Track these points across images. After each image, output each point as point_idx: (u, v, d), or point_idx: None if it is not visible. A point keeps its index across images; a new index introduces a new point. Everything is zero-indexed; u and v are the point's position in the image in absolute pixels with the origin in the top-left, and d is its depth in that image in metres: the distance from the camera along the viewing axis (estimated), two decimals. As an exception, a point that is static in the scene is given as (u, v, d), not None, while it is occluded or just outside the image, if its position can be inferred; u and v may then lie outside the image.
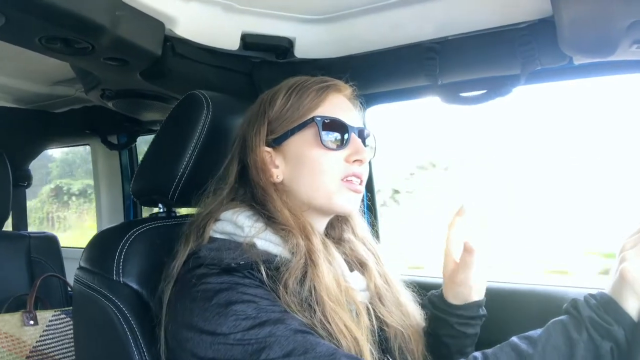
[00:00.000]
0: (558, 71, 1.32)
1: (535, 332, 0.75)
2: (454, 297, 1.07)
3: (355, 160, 0.97)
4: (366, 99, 1.64)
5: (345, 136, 0.97)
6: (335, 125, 0.97)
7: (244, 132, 1.03)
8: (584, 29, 1.04)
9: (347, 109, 1.02)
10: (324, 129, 0.96)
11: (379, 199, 1.84)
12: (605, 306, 0.70)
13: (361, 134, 1.02)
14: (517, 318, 1.33)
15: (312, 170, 0.96)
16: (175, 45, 1.34)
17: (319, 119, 0.96)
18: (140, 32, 1.21)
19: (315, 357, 0.75)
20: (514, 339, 0.76)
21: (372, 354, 0.87)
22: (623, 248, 0.73)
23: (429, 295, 1.14)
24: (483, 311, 1.08)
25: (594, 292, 0.73)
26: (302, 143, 0.98)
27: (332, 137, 0.96)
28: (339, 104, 1.01)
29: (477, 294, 1.05)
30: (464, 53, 1.29)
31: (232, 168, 1.01)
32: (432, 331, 1.09)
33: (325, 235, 1.07)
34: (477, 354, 0.76)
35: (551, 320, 0.75)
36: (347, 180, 0.97)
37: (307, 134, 0.97)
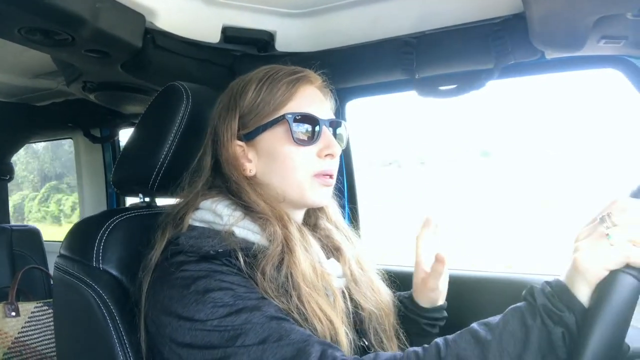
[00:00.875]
0: (531, 65, 1.36)
1: (494, 319, 0.78)
2: (424, 301, 1.16)
3: (327, 155, 0.99)
4: (345, 93, 1.68)
5: (317, 130, 0.99)
6: (306, 120, 0.98)
7: (216, 125, 1.03)
8: (554, 25, 1.07)
9: (319, 101, 1.03)
10: (295, 125, 0.97)
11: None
12: (559, 293, 0.73)
13: (333, 125, 1.03)
14: (483, 303, 1.41)
15: (285, 166, 0.98)
16: (156, 38, 1.35)
17: (290, 115, 0.97)
18: (120, 24, 1.21)
19: (289, 343, 0.77)
20: (474, 325, 0.79)
21: (347, 336, 0.90)
22: (577, 238, 0.75)
23: (398, 297, 1.20)
24: (445, 313, 1.18)
25: (550, 279, 0.76)
26: (273, 139, 0.99)
27: (303, 132, 0.98)
28: (310, 96, 1.02)
29: (442, 298, 1.16)
30: (439, 47, 1.32)
31: (205, 161, 1.02)
32: (402, 329, 1.13)
33: (303, 222, 1.09)
34: (440, 340, 0.79)
35: (509, 307, 0.77)
36: (319, 176, 0.99)
37: (279, 130, 0.98)
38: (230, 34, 1.42)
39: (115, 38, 1.22)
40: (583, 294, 0.72)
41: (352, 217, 1.77)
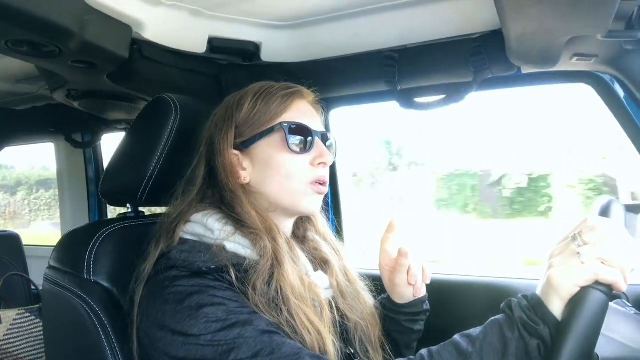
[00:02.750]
0: (508, 79, 1.42)
1: (475, 331, 0.82)
2: (399, 298, 1.17)
3: (319, 163, 1.03)
4: (329, 102, 1.71)
5: (310, 141, 1.03)
6: (300, 130, 1.02)
7: (212, 135, 1.06)
8: (529, 42, 1.12)
9: (311, 115, 1.08)
10: (290, 134, 1.01)
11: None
12: (535, 307, 0.78)
13: (324, 138, 1.07)
14: (464, 307, 1.45)
15: (280, 173, 1.01)
16: (143, 48, 1.36)
17: (286, 124, 1.01)
18: (107, 36, 1.23)
19: (281, 357, 0.81)
20: (457, 337, 0.83)
21: (335, 345, 0.93)
22: (551, 255, 0.81)
23: (379, 299, 1.23)
24: (427, 306, 1.19)
25: (527, 294, 0.81)
26: (269, 147, 1.02)
27: (297, 141, 1.01)
28: (303, 110, 1.06)
29: (420, 292, 1.16)
30: (421, 61, 1.36)
31: (199, 170, 1.05)
32: (384, 330, 1.17)
33: (292, 234, 1.12)
34: (424, 351, 0.84)
35: (489, 320, 0.82)
36: (313, 183, 1.03)
37: (274, 139, 1.02)
38: (216, 45, 1.44)
39: (102, 49, 1.23)
40: (556, 308, 0.77)
41: (337, 229, 1.79)
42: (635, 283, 1.32)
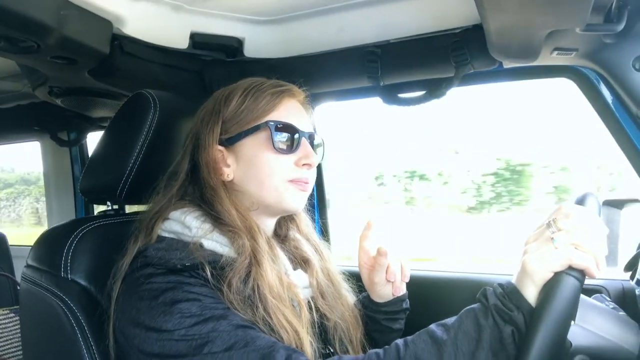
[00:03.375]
0: (490, 74, 1.42)
1: (450, 320, 0.82)
2: (378, 297, 1.17)
3: (304, 164, 1.02)
4: (313, 98, 1.70)
5: (296, 141, 1.02)
6: (287, 130, 1.01)
7: (198, 129, 1.05)
8: (510, 37, 1.12)
9: (300, 114, 1.07)
10: (276, 133, 1.00)
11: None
12: (509, 294, 0.78)
13: (311, 138, 1.06)
14: (444, 302, 1.45)
15: (263, 172, 1.00)
16: (124, 44, 1.35)
17: (272, 123, 1.00)
18: (87, 31, 1.21)
19: (255, 349, 0.80)
20: (432, 326, 0.83)
21: (312, 345, 0.93)
22: (527, 241, 0.81)
23: (359, 298, 1.23)
24: (406, 305, 1.20)
25: (503, 282, 0.82)
26: (254, 145, 1.01)
27: (283, 141, 1.01)
28: (292, 109, 1.05)
29: (399, 291, 1.16)
30: (403, 56, 1.36)
31: (183, 165, 1.04)
32: (364, 329, 1.17)
33: (273, 233, 1.12)
34: (399, 341, 0.84)
35: (464, 309, 0.83)
36: (294, 181, 1.02)
37: (260, 137, 1.01)
38: (198, 40, 1.43)
39: (82, 45, 1.22)
40: (531, 293, 0.77)
41: (323, 231, 1.79)
42: (615, 278, 1.33)
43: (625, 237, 1.35)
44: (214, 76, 1.56)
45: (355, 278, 1.21)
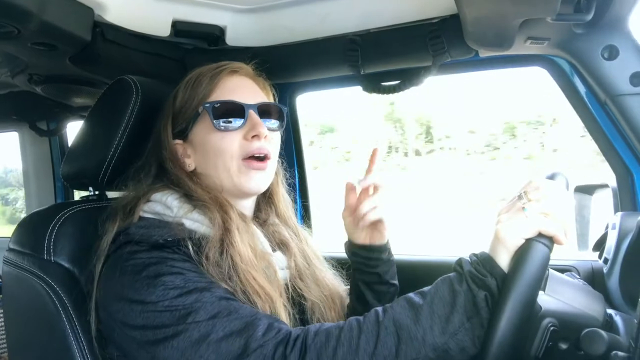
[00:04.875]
0: (466, 63, 1.46)
1: (427, 288, 0.86)
2: (359, 241, 1.17)
3: (253, 136, 1.02)
4: (295, 87, 1.73)
5: (240, 114, 1.02)
6: (226, 106, 1.02)
7: (158, 129, 1.09)
8: (485, 26, 1.16)
9: (243, 88, 1.07)
10: (214, 114, 1.01)
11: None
12: (483, 261, 0.83)
13: (262, 108, 1.06)
14: None
15: (214, 154, 1.03)
16: (105, 31, 1.34)
17: (208, 104, 1.02)
18: (68, 17, 1.21)
19: (238, 317, 0.83)
20: (410, 293, 0.87)
21: (285, 308, 0.97)
22: (499, 212, 0.86)
23: (349, 249, 1.21)
24: (390, 255, 1.19)
25: (477, 252, 0.86)
26: (201, 131, 1.04)
27: (224, 119, 1.02)
28: (231, 86, 1.06)
29: (379, 238, 1.16)
30: (382, 45, 1.39)
31: (150, 161, 1.07)
32: (352, 283, 1.20)
33: (254, 217, 1.14)
34: (378, 307, 0.87)
35: (440, 277, 0.86)
36: (247, 160, 1.03)
37: (204, 122, 1.03)
38: (180, 28, 1.44)
39: (62, 31, 1.22)
40: (503, 260, 0.82)
41: (304, 213, 1.82)
42: (586, 259, 1.39)
43: (596, 221, 1.40)
44: (196, 64, 1.52)
45: (340, 265, 1.24)
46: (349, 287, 1.24)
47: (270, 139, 1.06)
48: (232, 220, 0.97)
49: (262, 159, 1.04)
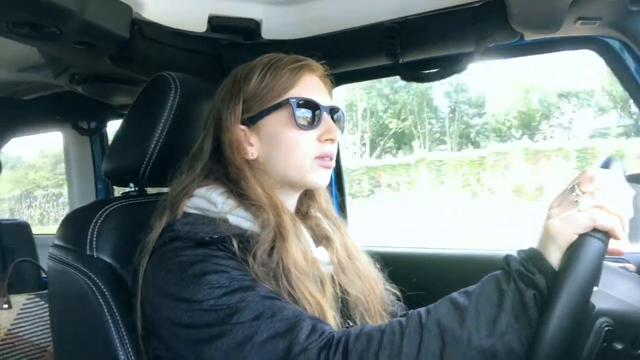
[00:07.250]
0: (511, 48, 1.39)
1: (472, 287, 0.82)
2: None
3: (327, 140, 1.02)
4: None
5: (317, 116, 1.02)
6: (308, 105, 1.01)
7: (219, 110, 1.05)
8: (532, 7, 1.11)
9: (319, 89, 1.06)
10: (298, 110, 1.00)
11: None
12: (532, 258, 0.77)
13: (332, 112, 1.06)
14: (466, 281, 1.42)
15: (287, 149, 1.01)
16: (143, 29, 1.36)
17: (294, 100, 1.00)
18: (108, 16, 1.23)
19: (282, 319, 0.81)
20: (454, 293, 0.82)
21: (335, 319, 0.94)
22: (550, 206, 0.80)
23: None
24: None
25: (525, 248, 0.81)
26: (276, 122, 1.01)
27: (305, 117, 1.01)
28: (311, 84, 1.05)
29: None
30: (422, 32, 1.34)
31: (206, 146, 1.04)
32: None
33: (295, 210, 1.12)
34: (421, 309, 0.83)
35: (487, 275, 0.82)
36: (319, 158, 1.02)
37: (282, 114, 1.01)
38: (216, 23, 1.44)
39: (102, 30, 1.23)
40: (554, 257, 0.76)
41: (340, 207, 1.79)
42: (638, 251, 1.31)
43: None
44: (232, 59, 1.56)
45: (375, 259, 1.21)
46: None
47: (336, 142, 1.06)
48: (287, 225, 0.96)
49: (329, 158, 1.04)
